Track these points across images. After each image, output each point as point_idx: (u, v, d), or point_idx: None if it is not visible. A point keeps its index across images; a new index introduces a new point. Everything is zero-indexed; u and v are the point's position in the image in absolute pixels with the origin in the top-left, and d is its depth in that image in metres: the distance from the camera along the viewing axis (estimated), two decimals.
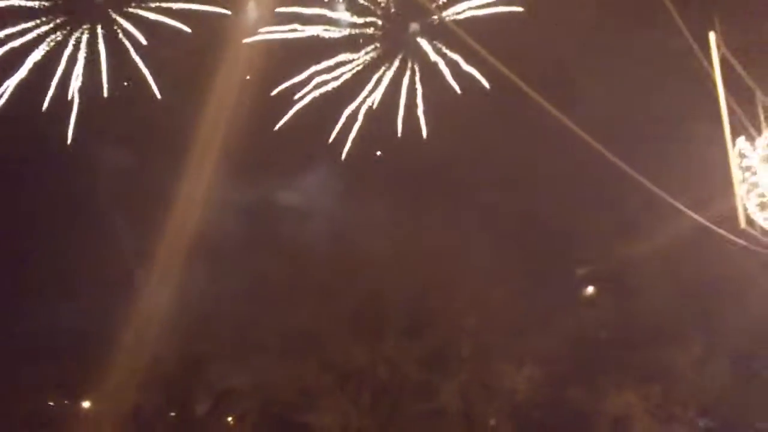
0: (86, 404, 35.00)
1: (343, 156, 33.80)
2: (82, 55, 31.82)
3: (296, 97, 32.68)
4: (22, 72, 31.31)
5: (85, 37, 31.54)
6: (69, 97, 32.09)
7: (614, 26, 30.00)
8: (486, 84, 31.77)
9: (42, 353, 32.21)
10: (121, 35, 31.54)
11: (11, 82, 31.40)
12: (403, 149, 33.74)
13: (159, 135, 32.49)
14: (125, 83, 32.39)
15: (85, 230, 33.59)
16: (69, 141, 32.72)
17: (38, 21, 31.04)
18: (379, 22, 31.83)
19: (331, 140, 33.51)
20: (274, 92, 32.39)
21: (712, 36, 15.97)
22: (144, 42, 31.33)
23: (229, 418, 35.56)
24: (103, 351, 31.36)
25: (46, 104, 31.75)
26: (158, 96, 32.17)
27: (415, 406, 33.56)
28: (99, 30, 31.76)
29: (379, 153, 35.48)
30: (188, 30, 31.13)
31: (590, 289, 36.19)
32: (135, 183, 33.57)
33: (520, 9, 30.66)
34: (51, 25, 31.31)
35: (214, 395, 34.76)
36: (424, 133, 33.23)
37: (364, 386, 33.60)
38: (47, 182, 33.93)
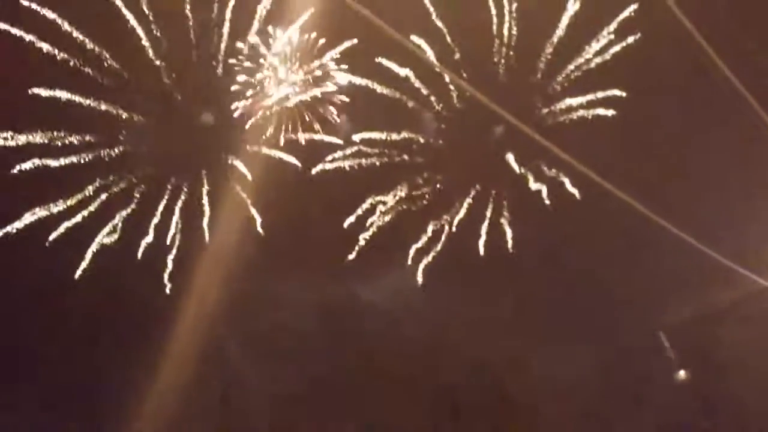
0: None
1: (424, 263, 34.90)
2: (180, 200, 31.97)
3: (381, 211, 33.84)
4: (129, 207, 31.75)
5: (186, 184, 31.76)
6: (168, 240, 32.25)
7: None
8: (575, 192, 32.09)
9: None
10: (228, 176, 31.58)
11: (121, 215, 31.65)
12: (486, 258, 34.43)
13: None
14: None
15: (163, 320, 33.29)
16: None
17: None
18: (463, 135, 32.76)
19: (414, 249, 34.75)
20: (361, 208, 33.34)
21: None
22: (249, 177, 31.56)
23: None
24: None
25: (150, 235, 32.19)
26: (261, 232, 32.33)
27: None
28: (203, 174, 31.97)
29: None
30: (298, 164, 31.95)
31: (682, 373, 35.34)
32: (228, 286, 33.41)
33: (610, 112, 30.66)
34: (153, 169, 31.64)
35: None
36: (510, 244, 33.89)
37: None
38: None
